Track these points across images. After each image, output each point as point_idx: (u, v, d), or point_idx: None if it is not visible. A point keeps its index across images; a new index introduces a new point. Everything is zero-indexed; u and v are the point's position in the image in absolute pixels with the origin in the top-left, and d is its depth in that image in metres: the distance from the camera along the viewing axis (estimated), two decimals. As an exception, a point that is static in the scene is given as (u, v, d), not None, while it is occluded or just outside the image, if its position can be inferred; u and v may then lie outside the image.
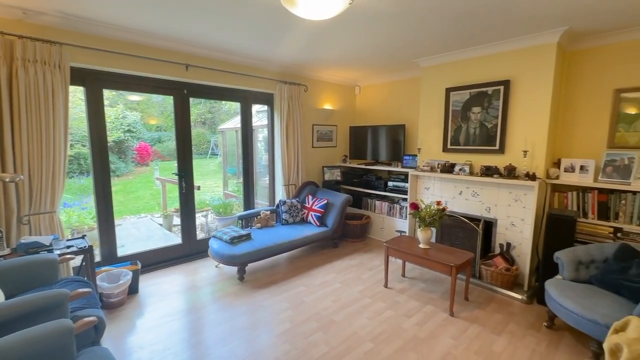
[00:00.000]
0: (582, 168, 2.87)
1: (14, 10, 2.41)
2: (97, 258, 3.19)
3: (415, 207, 3.01)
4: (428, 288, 3.16)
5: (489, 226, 3.35)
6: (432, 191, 3.83)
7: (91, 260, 2.45)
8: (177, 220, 4.07)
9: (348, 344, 2.29)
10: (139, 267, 3.02)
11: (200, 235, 4.27)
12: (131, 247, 3.80)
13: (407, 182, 4.00)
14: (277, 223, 4.19)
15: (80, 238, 2.61)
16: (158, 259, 3.57)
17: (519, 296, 2.93)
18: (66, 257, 2.25)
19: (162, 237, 4.90)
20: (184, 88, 3.57)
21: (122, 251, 3.42)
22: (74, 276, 2.31)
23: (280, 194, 4.43)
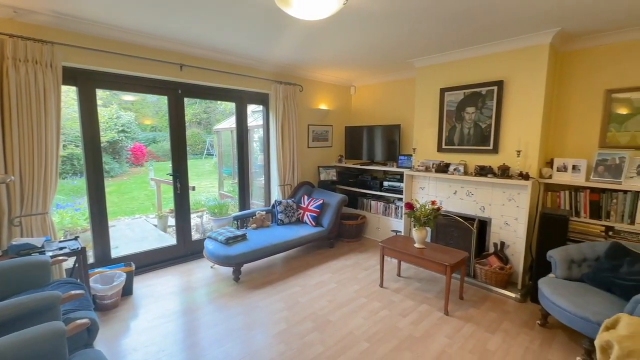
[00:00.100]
0: (575, 167, 2.90)
1: (5, 8, 2.38)
2: (91, 260, 3.16)
3: (410, 207, 3.02)
4: (423, 287, 3.17)
5: (483, 225, 3.38)
6: (427, 191, 3.85)
7: (84, 261, 2.42)
8: (172, 221, 4.05)
9: (343, 344, 2.29)
10: (133, 269, 3.00)
11: (195, 236, 4.25)
12: (125, 249, 3.76)
13: (403, 182, 4.01)
14: (273, 223, 4.18)
15: (72, 239, 2.58)
16: (152, 260, 3.55)
17: (513, 295, 2.96)
18: (58, 259, 2.22)
19: (157, 238, 4.87)
20: (179, 88, 3.55)
21: (116, 252, 3.39)
22: (67, 278, 2.29)
23: (275, 194, 4.42)
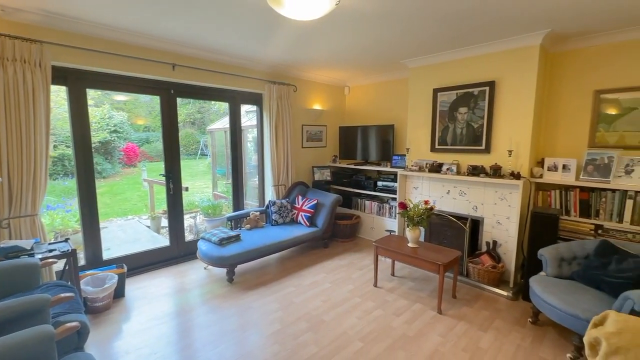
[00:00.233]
0: (565, 167, 2.94)
1: (-8, 7, 2.34)
2: (82, 262, 3.12)
3: (403, 207, 3.04)
4: (417, 286, 3.19)
5: (476, 225, 3.41)
6: (421, 190, 3.88)
7: (74, 264, 2.39)
8: (165, 222, 4.01)
9: (337, 344, 2.29)
10: (125, 271, 2.97)
11: (189, 237, 4.21)
12: (117, 250, 3.72)
13: (396, 182, 4.03)
14: (267, 224, 4.17)
15: (63, 241, 2.54)
16: (145, 262, 3.51)
17: (505, 293, 2.99)
18: (48, 262, 2.19)
19: (150, 240, 4.82)
20: (171, 88, 3.52)
21: (108, 254, 3.35)
22: (57, 281, 2.26)
23: (270, 195, 4.41)
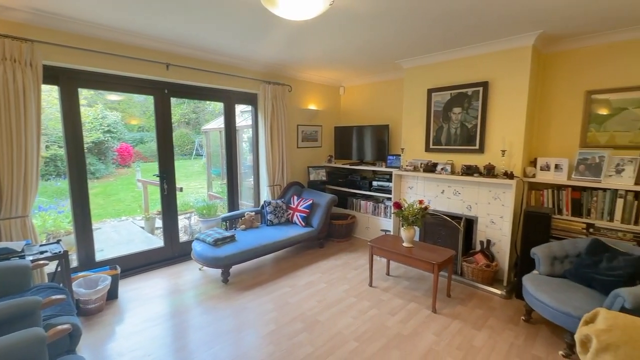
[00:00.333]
0: (557, 167, 2.98)
1: (-19, 5, 2.31)
2: (74, 263, 3.09)
3: (398, 207, 3.05)
4: (412, 286, 3.21)
5: (470, 224, 3.43)
6: (416, 190, 3.90)
7: (66, 265, 2.36)
8: (160, 222, 3.98)
9: (332, 344, 2.30)
10: (119, 272, 2.94)
11: (183, 237, 4.19)
12: (111, 251, 3.68)
13: (392, 182, 4.05)
14: (262, 224, 4.16)
15: (55, 243, 2.51)
16: (139, 263, 3.48)
17: (499, 291, 3.02)
18: (39, 263, 2.16)
19: (144, 241, 4.78)
20: (165, 88, 3.49)
21: (101, 255, 3.31)
22: (48, 283, 2.23)
23: (265, 195, 4.40)
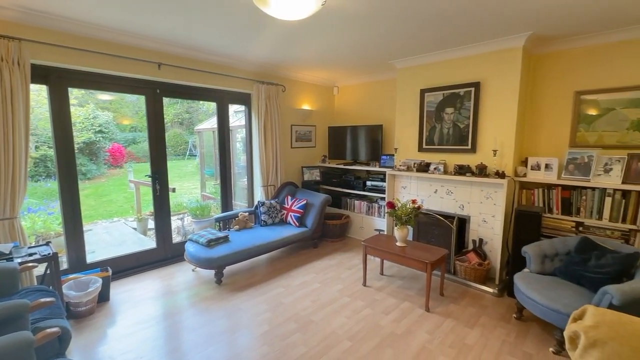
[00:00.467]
0: (547, 166, 3.02)
1: (-34, 3, 2.26)
2: (65, 265, 3.04)
3: (391, 206, 3.07)
4: (405, 285, 3.22)
5: (463, 223, 3.47)
6: (409, 190, 3.92)
7: (56, 268, 2.32)
8: (152, 223, 3.94)
9: (326, 344, 2.30)
10: (110, 274, 2.90)
11: (176, 238, 4.16)
12: (102, 253, 3.64)
13: (385, 182, 4.06)
14: (256, 224, 4.14)
15: (44, 245, 2.47)
16: (131, 265, 3.44)
17: (491, 290, 3.05)
18: (28, 266, 2.12)
19: (136, 242, 4.73)
20: (157, 87, 3.46)
21: (92, 257, 3.27)
22: (37, 285, 2.19)
23: (259, 195, 4.38)
